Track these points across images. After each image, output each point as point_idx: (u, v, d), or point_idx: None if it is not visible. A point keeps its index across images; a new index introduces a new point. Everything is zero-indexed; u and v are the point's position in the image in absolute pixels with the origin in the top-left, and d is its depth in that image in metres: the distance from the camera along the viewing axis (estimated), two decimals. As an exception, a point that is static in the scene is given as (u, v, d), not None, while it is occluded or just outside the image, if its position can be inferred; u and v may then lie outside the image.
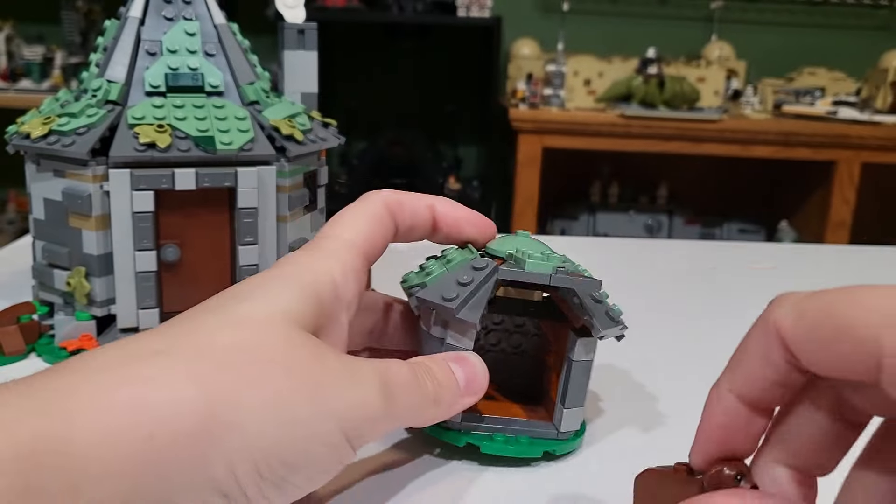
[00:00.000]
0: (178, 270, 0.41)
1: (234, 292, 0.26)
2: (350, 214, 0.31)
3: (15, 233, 2.30)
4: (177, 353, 0.23)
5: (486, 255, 0.32)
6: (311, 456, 0.23)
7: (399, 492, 0.29)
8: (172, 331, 0.24)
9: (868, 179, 1.84)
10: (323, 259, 0.28)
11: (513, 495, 0.29)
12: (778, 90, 2.00)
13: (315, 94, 0.51)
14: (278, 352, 0.24)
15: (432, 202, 0.33)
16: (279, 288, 0.26)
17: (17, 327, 0.40)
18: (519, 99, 1.87)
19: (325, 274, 0.27)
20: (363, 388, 0.25)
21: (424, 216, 0.33)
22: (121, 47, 0.42)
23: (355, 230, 0.30)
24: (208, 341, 0.23)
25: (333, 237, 0.29)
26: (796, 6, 2.31)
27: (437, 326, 0.31)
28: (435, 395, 0.28)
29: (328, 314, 0.27)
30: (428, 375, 0.28)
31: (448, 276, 0.30)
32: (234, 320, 0.24)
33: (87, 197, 0.39)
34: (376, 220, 0.31)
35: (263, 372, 0.23)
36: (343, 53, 2.36)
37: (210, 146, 0.39)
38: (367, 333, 0.33)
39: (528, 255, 0.30)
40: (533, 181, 1.82)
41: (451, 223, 0.33)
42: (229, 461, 0.22)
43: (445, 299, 0.29)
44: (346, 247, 0.29)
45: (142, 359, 0.22)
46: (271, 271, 0.27)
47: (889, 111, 1.83)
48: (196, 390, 0.22)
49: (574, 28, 2.22)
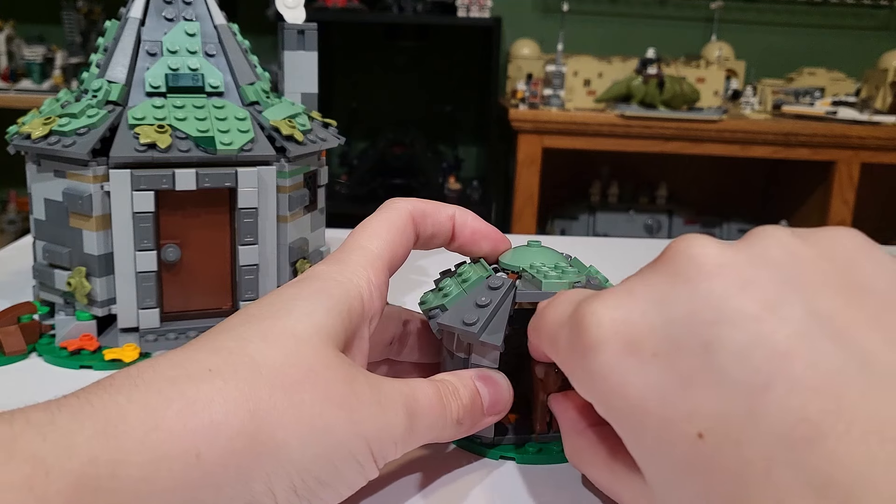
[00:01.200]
0: (179, 270, 0.41)
1: (272, 304, 0.26)
2: (375, 225, 0.31)
3: (15, 233, 2.30)
4: (228, 374, 0.23)
5: (501, 270, 0.32)
6: (342, 473, 0.24)
7: (416, 484, 0.29)
8: (219, 345, 0.24)
9: (867, 179, 1.84)
10: (351, 273, 0.28)
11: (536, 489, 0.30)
12: (777, 90, 2.00)
13: (315, 94, 0.51)
14: (318, 374, 0.24)
15: (453, 212, 0.33)
16: (314, 304, 0.26)
17: (18, 327, 0.40)
18: (519, 99, 1.87)
19: (354, 289, 0.28)
20: (390, 413, 0.25)
21: (446, 227, 0.33)
22: (121, 48, 0.42)
23: (380, 241, 0.30)
24: (256, 361, 0.23)
25: (360, 248, 0.30)
26: (796, 6, 2.31)
27: (461, 349, 0.31)
28: (458, 417, 0.28)
29: (355, 329, 0.28)
30: (454, 397, 0.28)
31: (466, 299, 0.31)
32: (277, 338, 0.25)
33: (88, 197, 0.39)
34: (400, 230, 0.31)
35: (305, 394, 0.23)
36: (343, 53, 2.37)
37: (210, 146, 0.39)
38: (386, 345, 0.34)
39: (543, 273, 0.30)
40: (533, 181, 1.82)
41: (468, 235, 0.33)
42: (268, 478, 0.22)
43: (466, 324, 0.29)
44: (371, 259, 0.29)
45: (194, 378, 0.22)
46: (305, 284, 0.28)
47: (888, 111, 1.83)
48: (246, 412, 0.22)
49: (574, 28, 2.22)
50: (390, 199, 0.32)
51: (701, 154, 1.79)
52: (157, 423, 0.21)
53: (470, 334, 0.29)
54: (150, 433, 0.21)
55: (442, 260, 0.41)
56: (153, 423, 0.21)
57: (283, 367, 0.24)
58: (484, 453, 0.32)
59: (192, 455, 0.21)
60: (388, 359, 0.34)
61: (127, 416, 0.21)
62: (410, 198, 0.33)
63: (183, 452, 0.21)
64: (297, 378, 0.24)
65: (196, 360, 0.23)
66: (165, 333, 0.41)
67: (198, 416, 0.21)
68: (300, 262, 0.45)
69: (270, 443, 0.22)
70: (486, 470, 0.31)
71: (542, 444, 0.32)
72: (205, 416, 0.21)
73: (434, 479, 0.30)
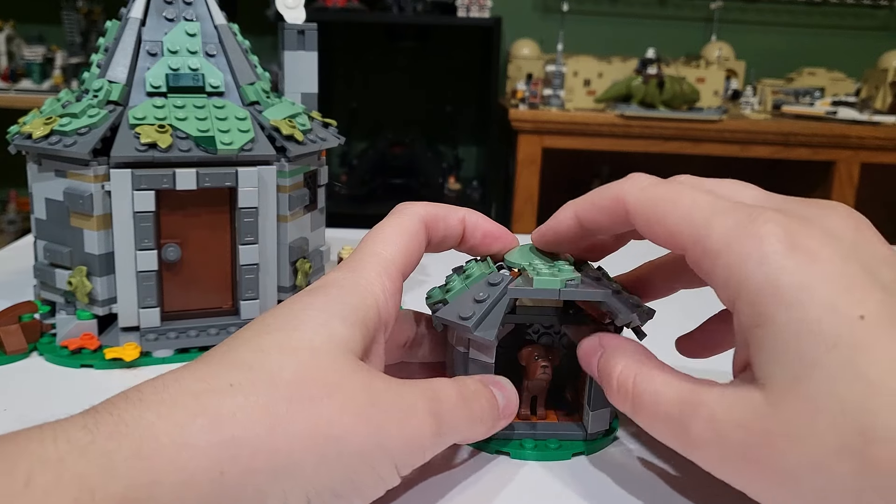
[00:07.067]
0: (179, 270, 0.41)
1: (288, 314, 0.26)
2: (389, 231, 0.31)
3: (16, 233, 2.30)
4: (248, 389, 0.23)
5: (504, 267, 0.33)
6: (360, 486, 0.24)
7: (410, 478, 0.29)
8: (239, 358, 0.24)
9: (867, 179, 1.84)
10: (365, 280, 0.28)
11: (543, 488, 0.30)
12: (777, 90, 2.00)
13: (315, 94, 0.51)
14: (336, 386, 0.24)
15: (464, 215, 0.33)
16: (329, 313, 0.26)
17: (19, 326, 0.41)
18: (519, 99, 1.87)
19: (369, 296, 0.28)
20: (415, 423, 0.25)
21: (457, 230, 0.33)
22: (122, 48, 0.42)
23: (394, 247, 0.30)
24: (273, 376, 0.23)
25: (374, 255, 0.30)
26: (796, 6, 2.31)
27: (461, 342, 0.32)
28: (481, 418, 0.28)
29: (372, 336, 0.28)
30: (474, 398, 0.28)
31: (466, 294, 0.31)
32: (296, 350, 0.25)
33: (89, 197, 0.39)
34: (413, 236, 0.31)
35: (323, 407, 0.23)
36: (343, 53, 2.37)
37: (211, 146, 0.40)
38: (400, 348, 0.34)
39: (537, 270, 0.31)
40: (533, 181, 1.82)
41: (480, 238, 0.34)
42: (284, 493, 0.22)
43: (462, 318, 0.30)
44: (385, 266, 0.29)
45: (217, 393, 0.22)
46: (320, 292, 0.27)
47: (888, 111, 1.83)
48: (265, 428, 0.22)
49: (574, 28, 2.22)
50: (402, 204, 0.32)
51: (701, 154, 1.79)
52: (185, 439, 0.21)
53: (464, 328, 0.30)
54: (180, 452, 0.21)
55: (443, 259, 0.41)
56: (181, 440, 0.21)
57: (301, 380, 0.24)
58: (483, 447, 0.32)
59: (217, 472, 0.21)
60: (402, 360, 0.35)
61: (158, 436, 0.21)
62: (422, 202, 0.33)
63: (208, 470, 0.21)
64: (315, 391, 0.24)
65: (218, 375, 0.23)
66: (166, 332, 0.41)
67: (221, 432, 0.22)
68: (300, 262, 0.45)
69: (288, 460, 0.22)
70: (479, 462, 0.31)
71: (537, 441, 0.32)
72: (227, 432, 0.22)
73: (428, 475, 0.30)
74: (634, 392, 0.27)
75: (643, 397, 0.27)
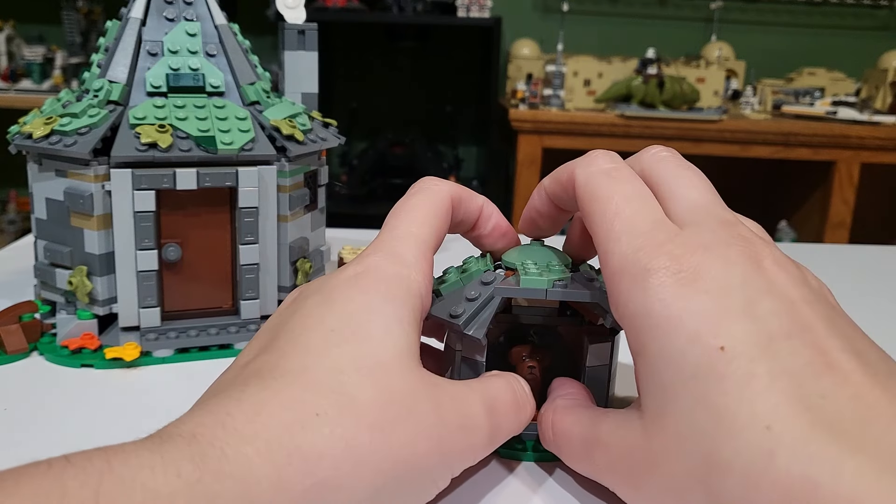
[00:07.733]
0: (180, 269, 0.41)
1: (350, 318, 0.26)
2: (422, 209, 0.30)
3: (16, 233, 2.30)
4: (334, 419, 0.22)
5: (500, 267, 0.33)
6: (420, 498, 0.25)
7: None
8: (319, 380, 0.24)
9: (867, 180, 1.84)
10: (409, 268, 0.28)
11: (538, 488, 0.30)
12: (777, 90, 2.00)
13: (315, 94, 0.51)
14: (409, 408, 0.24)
15: (482, 203, 0.33)
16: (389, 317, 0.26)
17: (19, 326, 0.41)
18: (519, 99, 1.87)
19: (415, 286, 0.27)
20: (476, 434, 0.26)
21: (473, 215, 0.33)
22: (122, 48, 0.42)
23: (428, 228, 0.30)
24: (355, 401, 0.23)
25: (411, 236, 0.29)
26: (796, 6, 2.31)
27: (452, 339, 0.32)
28: (525, 423, 0.29)
29: (419, 329, 0.28)
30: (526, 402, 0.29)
31: (458, 291, 0.31)
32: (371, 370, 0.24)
33: (89, 196, 0.39)
34: (443, 216, 0.31)
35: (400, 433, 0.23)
36: (343, 53, 2.37)
37: (211, 146, 0.40)
38: None
39: (526, 269, 0.31)
40: (533, 181, 1.82)
41: (489, 228, 0.34)
42: None
43: (452, 316, 0.30)
44: (424, 250, 0.29)
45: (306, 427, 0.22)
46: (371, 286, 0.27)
47: (888, 111, 1.84)
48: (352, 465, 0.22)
49: (574, 28, 2.22)
50: (427, 179, 0.32)
51: (701, 154, 1.79)
52: (282, 484, 0.21)
53: (454, 326, 0.30)
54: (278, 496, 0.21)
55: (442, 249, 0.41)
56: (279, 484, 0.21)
57: (379, 404, 0.24)
58: None
59: None
60: None
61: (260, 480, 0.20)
62: (446, 181, 0.32)
63: None
64: (391, 415, 0.23)
65: (303, 402, 0.23)
66: (166, 332, 0.41)
67: (313, 475, 0.21)
68: (300, 262, 0.45)
69: (368, 492, 0.22)
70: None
71: (529, 441, 0.32)
72: (319, 475, 0.21)
73: None
74: (554, 433, 0.29)
75: (558, 439, 0.29)
